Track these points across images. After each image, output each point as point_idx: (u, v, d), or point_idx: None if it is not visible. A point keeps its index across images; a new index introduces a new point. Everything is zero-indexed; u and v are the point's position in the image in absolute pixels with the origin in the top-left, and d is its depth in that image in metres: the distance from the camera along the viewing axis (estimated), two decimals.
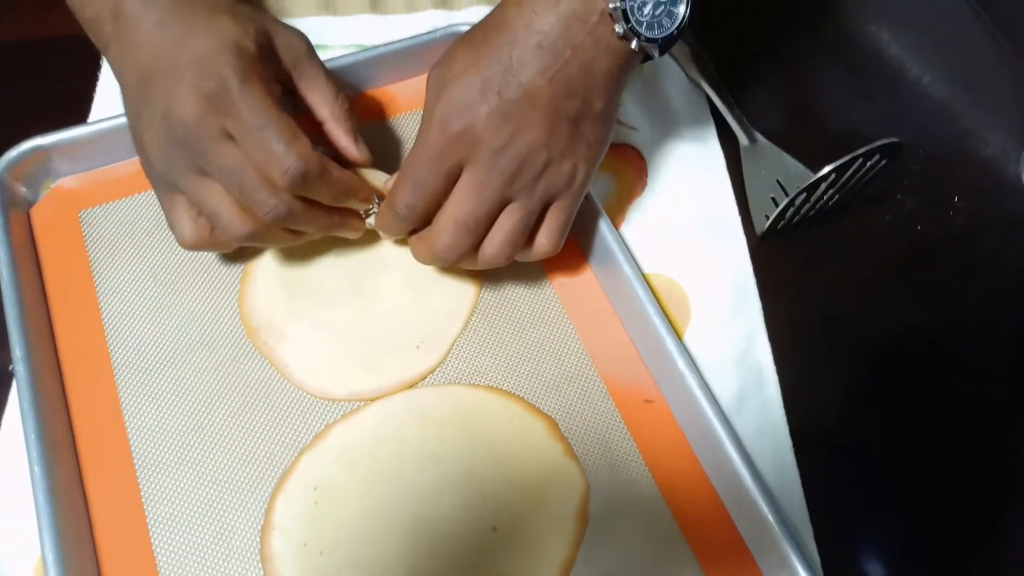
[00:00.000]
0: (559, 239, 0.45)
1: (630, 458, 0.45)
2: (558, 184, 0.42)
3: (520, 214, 0.42)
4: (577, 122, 0.42)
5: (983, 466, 0.48)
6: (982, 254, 0.55)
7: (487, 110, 0.40)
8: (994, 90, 0.62)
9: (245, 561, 0.42)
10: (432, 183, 0.42)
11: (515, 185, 0.41)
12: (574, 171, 0.42)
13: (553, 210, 0.44)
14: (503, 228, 0.43)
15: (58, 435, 0.43)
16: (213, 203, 0.41)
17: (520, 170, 0.41)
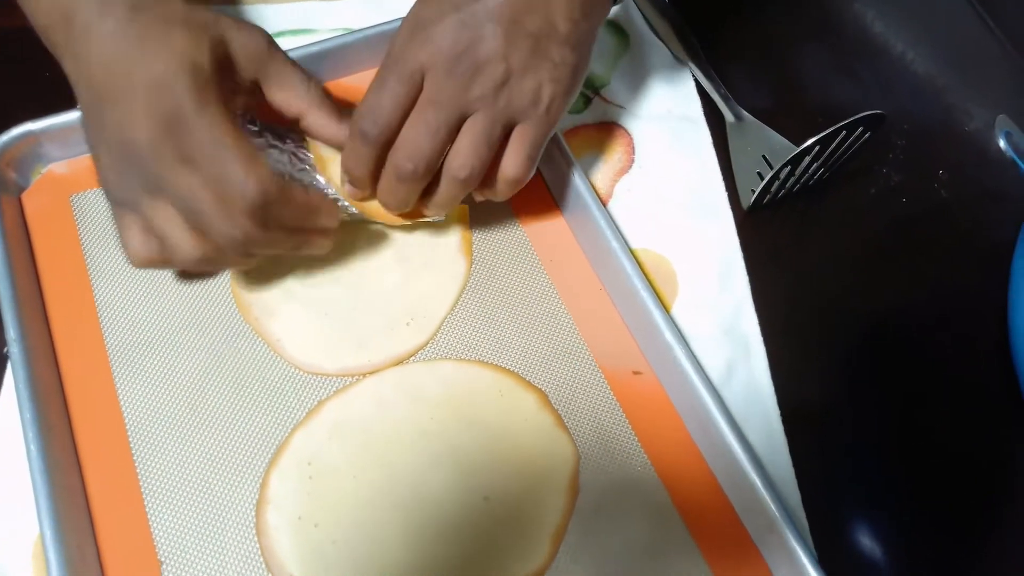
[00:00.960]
0: (526, 164, 0.44)
1: (620, 429, 0.46)
2: (522, 101, 0.42)
3: (482, 123, 0.42)
4: (538, 39, 0.42)
5: (968, 435, 0.49)
6: (967, 226, 0.55)
7: (447, 20, 0.41)
8: (977, 65, 0.63)
9: (241, 535, 0.42)
10: (396, 89, 0.41)
11: (474, 91, 0.41)
12: (538, 89, 0.42)
13: (517, 131, 0.43)
14: (465, 136, 0.42)
15: (53, 415, 0.43)
16: (164, 225, 0.40)
17: (477, 76, 0.41)
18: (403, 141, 0.42)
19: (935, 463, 0.47)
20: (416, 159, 0.42)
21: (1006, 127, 0.38)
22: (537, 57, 0.42)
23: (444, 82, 0.41)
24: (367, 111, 0.42)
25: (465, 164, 0.42)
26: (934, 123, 0.60)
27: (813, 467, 0.46)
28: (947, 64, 0.62)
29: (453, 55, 0.41)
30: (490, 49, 0.41)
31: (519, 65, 0.41)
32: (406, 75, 0.41)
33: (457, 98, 0.41)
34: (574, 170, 0.50)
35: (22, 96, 0.54)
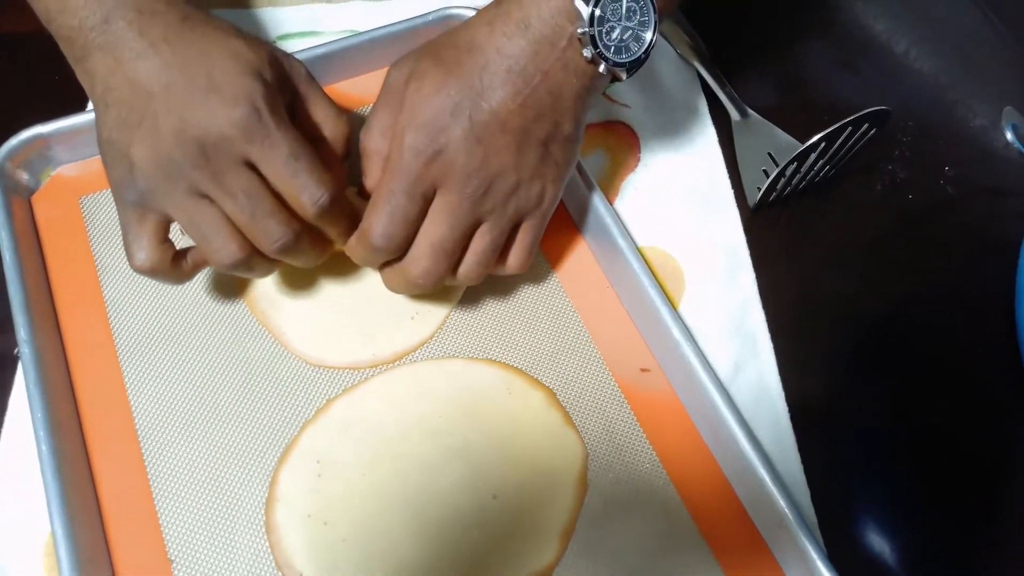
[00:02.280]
0: (528, 257, 0.45)
1: (628, 426, 0.46)
2: (527, 205, 0.43)
3: (491, 235, 0.43)
4: (546, 144, 0.42)
5: (974, 430, 0.49)
6: (973, 222, 0.55)
7: (459, 134, 0.40)
8: (981, 61, 0.63)
9: (250, 532, 0.42)
10: (409, 209, 0.41)
11: (486, 206, 0.42)
12: (542, 192, 0.43)
13: (523, 230, 0.44)
14: (475, 250, 0.43)
15: (64, 414, 0.44)
16: (209, 226, 0.40)
17: (490, 192, 0.41)
18: (419, 261, 0.42)
19: (943, 459, 0.47)
20: (431, 278, 0.43)
21: (1013, 119, 0.38)
22: (544, 162, 0.42)
23: (457, 201, 0.41)
24: (378, 226, 0.42)
25: (472, 273, 0.44)
26: (939, 120, 0.60)
27: (821, 463, 0.46)
28: (951, 61, 0.62)
29: (466, 174, 0.41)
30: (502, 163, 0.41)
31: (527, 174, 0.42)
32: (417, 194, 0.41)
33: (469, 215, 0.42)
34: (581, 170, 0.50)
35: (32, 99, 0.55)
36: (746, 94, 0.58)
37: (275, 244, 0.40)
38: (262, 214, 0.39)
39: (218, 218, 0.40)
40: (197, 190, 0.39)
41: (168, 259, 0.41)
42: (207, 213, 0.40)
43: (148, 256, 0.41)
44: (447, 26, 0.57)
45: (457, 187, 0.41)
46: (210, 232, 0.40)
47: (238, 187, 0.39)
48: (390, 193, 0.41)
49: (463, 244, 0.43)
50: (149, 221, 0.41)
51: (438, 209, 0.42)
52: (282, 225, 0.40)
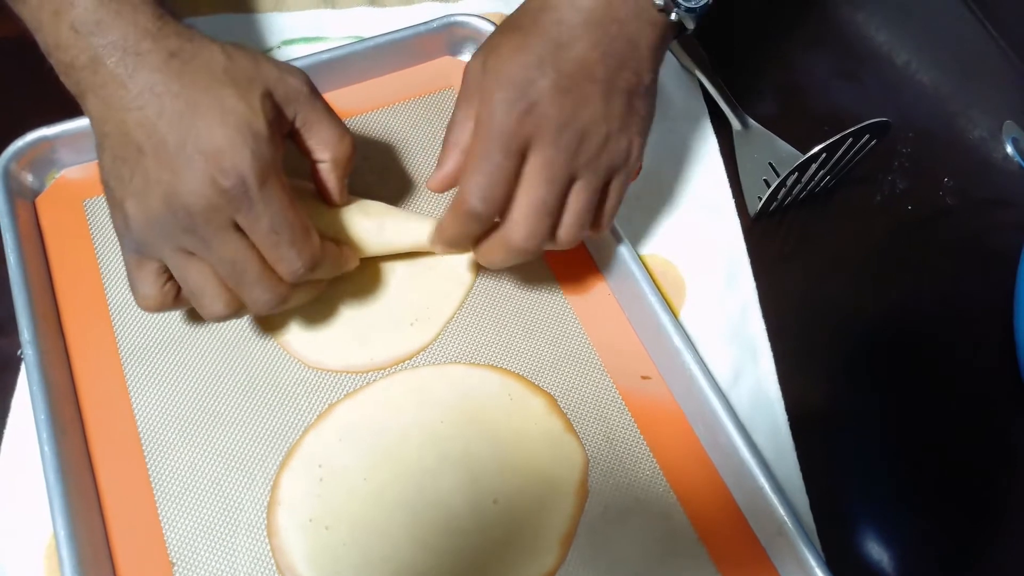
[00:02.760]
0: (612, 220, 0.45)
1: (628, 433, 0.46)
2: (618, 159, 0.42)
3: (587, 192, 0.42)
4: (631, 95, 0.42)
5: (972, 439, 0.49)
6: (972, 232, 0.56)
7: (548, 85, 0.40)
8: (981, 74, 0.64)
9: (252, 537, 0.43)
10: (506, 166, 0.40)
11: (580, 160, 0.41)
12: (630, 146, 0.42)
13: (612, 187, 0.43)
14: (574, 209, 0.42)
15: (67, 416, 0.44)
16: (198, 282, 0.40)
17: (583, 145, 0.41)
18: (522, 223, 0.41)
19: (941, 467, 0.48)
20: (534, 240, 0.42)
21: (1013, 133, 0.38)
22: (630, 114, 0.42)
23: (553, 155, 0.40)
24: (476, 187, 0.41)
25: (573, 235, 0.43)
26: (939, 131, 0.60)
27: (820, 470, 0.46)
28: (952, 72, 0.63)
29: (558, 125, 0.40)
30: (592, 113, 0.41)
31: (616, 126, 0.42)
32: (513, 149, 0.40)
33: (565, 169, 0.41)
34: None
35: (37, 102, 0.55)
36: (747, 104, 0.58)
37: (261, 307, 0.41)
38: (249, 281, 0.40)
39: (207, 276, 0.40)
40: (187, 249, 0.39)
41: (171, 297, 0.42)
42: (196, 270, 0.40)
43: (152, 296, 0.42)
44: (451, 33, 0.58)
45: (552, 140, 0.40)
46: (198, 289, 0.40)
47: (226, 253, 0.39)
48: (486, 152, 0.40)
49: (562, 203, 0.42)
50: (148, 267, 0.41)
51: (535, 165, 0.41)
52: (268, 291, 0.40)
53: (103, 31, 0.38)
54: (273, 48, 0.60)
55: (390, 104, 0.57)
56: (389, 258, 0.50)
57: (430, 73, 0.59)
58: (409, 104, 0.57)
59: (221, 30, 0.61)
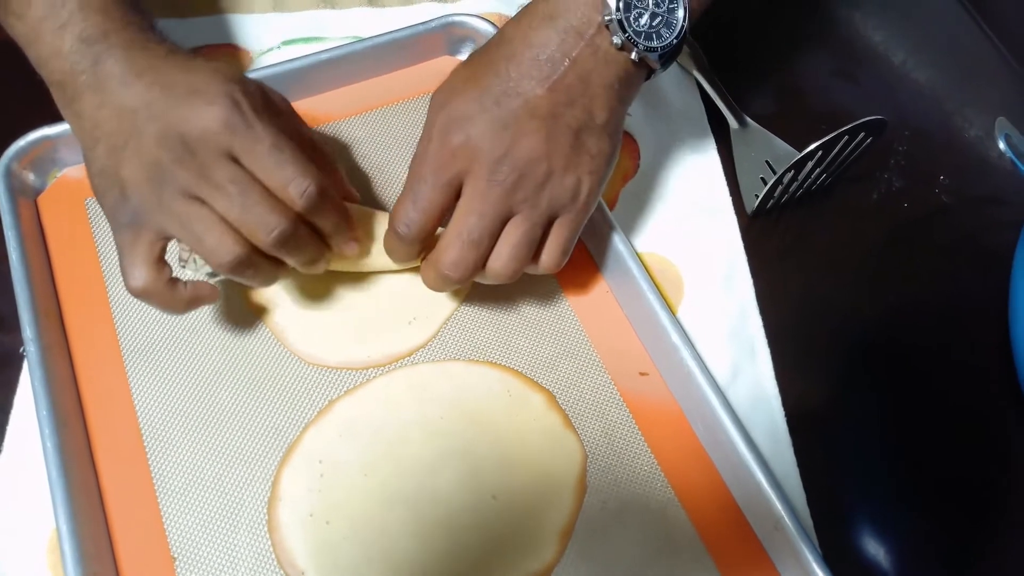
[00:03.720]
0: (562, 256, 0.44)
1: (627, 429, 0.47)
2: (562, 198, 0.42)
3: (523, 227, 0.42)
4: (578, 133, 0.41)
5: (968, 435, 0.49)
6: (967, 230, 0.56)
7: (487, 119, 0.40)
8: (977, 73, 0.64)
9: (253, 532, 0.43)
10: (432, 197, 0.41)
11: (517, 196, 0.41)
12: (578, 185, 0.42)
13: (557, 226, 0.43)
14: (507, 242, 0.42)
15: (69, 412, 0.44)
16: (202, 226, 0.39)
17: (521, 180, 0.41)
18: (445, 251, 0.42)
19: (938, 463, 0.48)
20: (460, 270, 0.42)
21: (1005, 129, 0.39)
22: (576, 153, 0.42)
23: (486, 190, 0.40)
24: (404, 216, 0.42)
25: (507, 268, 0.43)
26: (935, 129, 0.61)
27: (817, 467, 0.47)
28: (947, 72, 0.63)
29: (494, 160, 0.40)
30: (531, 150, 0.40)
31: (560, 163, 0.41)
32: (443, 183, 0.41)
33: (499, 205, 0.41)
34: None
35: (38, 101, 0.55)
36: (744, 103, 0.58)
37: (271, 234, 0.39)
38: (253, 203, 0.39)
39: (211, 217, 0.39)
40: (187, 192, 0.39)
41: (163, 280, 0.41)
42: (199, 214, 0.39)
43: (143, 276, 0.41)
44: (449, 33, 0.59)
45: (485, 174, 0.40)
46: (204, 232, 0.39)
47: (225, 179, 0.38)
48: (416, 180, 0.41)
49: (492, 236, 0.42)
50: (143, 241, 0.40)
51: (466, 198, 0.41)
52: (275, 213, 0.39)
53: (108, 39, 0.40)
54: (273, 48, 0.61)
55: (389, 104, 0.58)
56: None
57: (429, 73, 0.59)
58: (408, 104, 0.58)
59: (221, 30, 0.61)
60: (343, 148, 0.56)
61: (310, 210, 0.40)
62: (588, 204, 0.43)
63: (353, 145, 0.56)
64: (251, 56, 0.60)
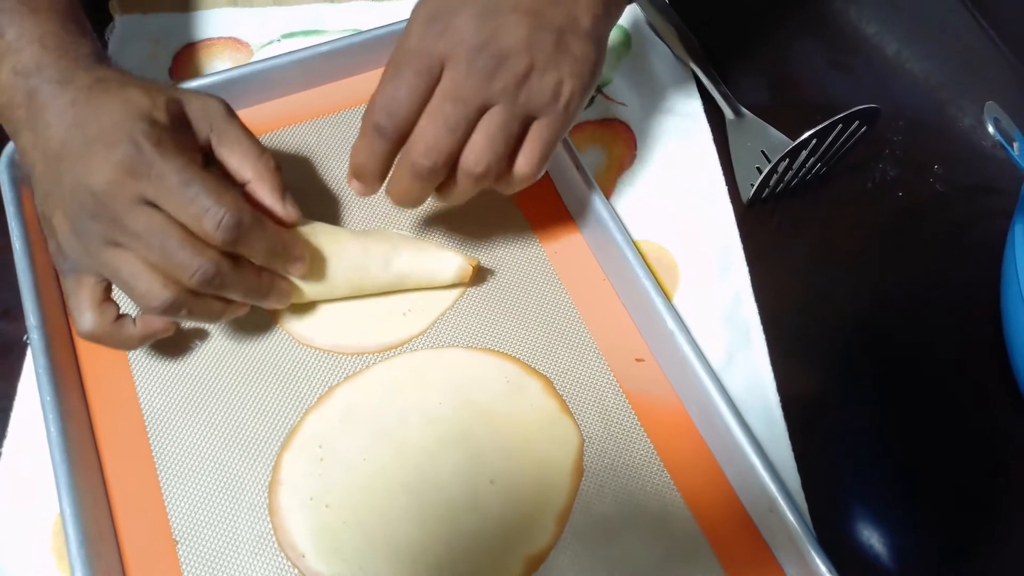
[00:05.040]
0: (540, 162, 0.43)
1: (623, 414, 0.47)
2: (542, 96, 0.41)
3: (501, 117, 0.40)
4: (562, 33, 0.41)
5: (960, 419, 0.50)
6: (961, 218, 0.57)
7: (469, 10, 0.39)
8: (971, 63, 0.64)
9: (254, 515, 0.43)
10: (413, 83, 0.40)
11: (496, 85, 0.40)
12: (559, 85, 0.41)
13: (535, 127, 0.42)
14: (483, 131, 0.40)
15: (72, 398, 0.45)
16: (128, 272, 0.39)
17: (500, 69, 0.39)
18: (420, 136, 0.40)
19: (929, 446, 0.48)
20: (434, 155, 0.40)
21: (994, 113, 0.39)
22: (559, 51, 0.41)
23: (465, 75, 0.39)
24: (382, 104, 0.40)
25: (481, 160, 0.41)
26: (929, 119, 0.61)
27: (812, 451, 0.47)
28: (941, 62, 0.64)
29: (474, 47, 0.39)
30: (513, 41, 0.39)
31: (541, 59, 0.40)
32: (424, 67, 0.40)
33: (477, 92, 0.40)
34: (578, 165, 0.51)
35: None
36: (740, 93, 0.59)
37: (194, 277, 0.39)
38: (171, 247, 0.38)
39: (135, 263, 0.39)
40: (109, 240, 0.39)
41: (109, 320, 0.41)
42: (125, 260, 0.39)
43: (89, 321, 0.41)
44: None
45: (465, 60, 0.39)
46: (131, 277, 0.39)
47: (140, 227, 0.38)
48: (396, 69, 0.40)
49: (470, 124, 0.40)
50: (85, 286, 0.41)
51: (444, 83, 0.40)
52: (195, 255, 0.38)
53: (42, 71, 0.40)
54: (273, 41, 0.61)
55: None
56: None
57: None
58: None
59: (221, 24, 0.62)
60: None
61: (231, 242, 0.39)
62: (569, 109, 0.42)
63: (353, 136, 0.56)
64: (251, 49, 0.61)
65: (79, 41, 0.42)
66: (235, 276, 0.40)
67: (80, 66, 0.41)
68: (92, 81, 0.40)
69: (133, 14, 0.62)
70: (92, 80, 0.40)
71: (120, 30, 0.61)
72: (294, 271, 0.44)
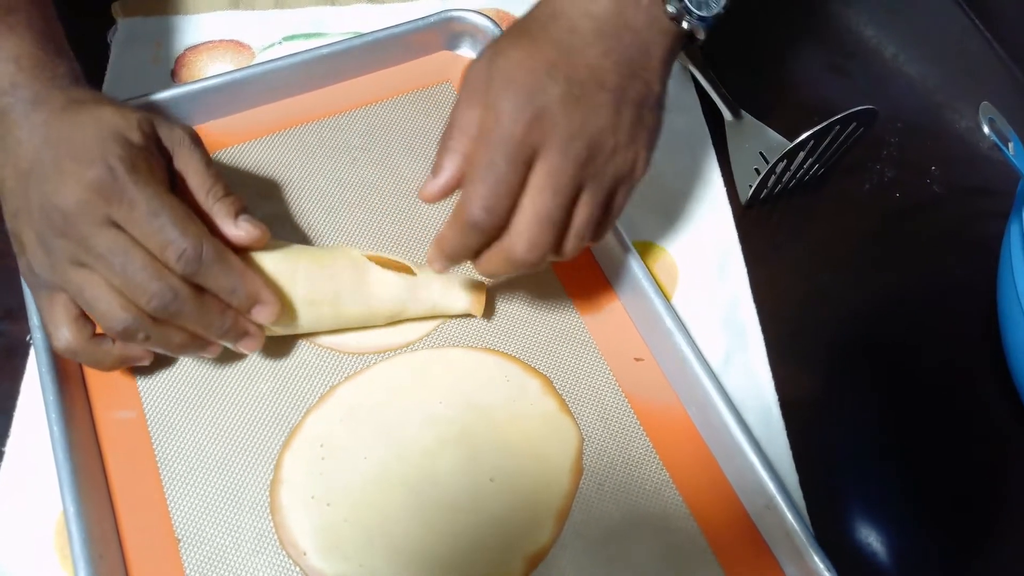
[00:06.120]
0: (610, 227, 0.44)
1: (622, 413, 0.47)
2: (623, 171, 0.41)
3: (592, 204, 0.40)
4: (640, 107, 0.41)
5: (956, 418, 0.50)
6: (957, 219, 0.57)
7: (558, 92, 0.38)
8: (967, 66, 0.65)
9: (256, 514, 0.44)
10: (511, 176, 0.38)
11: (588, 171, 0.39)
12: (635, 159, 0.41)
13: (616, 199, 0.42)
14: (579, 221, 0.40)
15: (74, 398, 0.45)
16: (91, 293, 0.39)
17: (592, 155, 0.39)
18: (523, 233, 0.39)
19: (926, 445, 0.49)
20: (537, 251, 0.40)
21: (990, 113, 0.40)
22: (638, 127, 0.41)
23: (561, 164, 0.38)
24: (479, 197, 0.39)
25: (576, 248, 0.41)
26: (926, 121, 0.61)
27: (809, 450, 0.47)
28: (938, 65, 0.64)
29: (568, 134, 0.38)
30: (603, 123, 0.39)
31: (624, 138, 0.40)
32: (520, 158, 0.38)
33: (573, 181, 0.39)
34: None
35: None
36: (739, 96, 0.59)
37: (151, 300, 0.38)
38: (132, 270, 0.38)
39: (99, 284, 0.39)
40: (75, 260, 0.39)
41: (85, 336, 0.41)
42: (89, 280, 0.39)
43: (65, 336, 0.41)
44: (448, 28, 0.60)
45: (560, 149, 0.38)
46: (94, 299, 0.39)
47: (104, 248, 0.38)
48: (490, 162, 0.38)
49: (568, 214, 0.40)
50: (58, 302, 0.41)
51: (541, 175, 0.39)
52: (154, 279, 0.38)
53: (16, 90, 0.40)
54: (274, 44, 0.62)
55: (388, 98, 0.59)
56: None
57: (428, 67, 0.60)
58: (407, 97, 0.59)
59: (222, 27, 0.62)
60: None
61: (193, 274, 0.39)
62: (640, 177, 0.42)
63: (354, 138, 0.57)
64: (253, 51, 0.61)
65: (55, 61, 0.42)
66: (195, 307, 0.40)
67: (55, 86, 0.41)
68: (66, 101, 0.40)
69: (135, 17, 0.62)
70: (66, 100, 0.40)
71: (123, 33, 0.61)
72: (259, 315, 0.43)
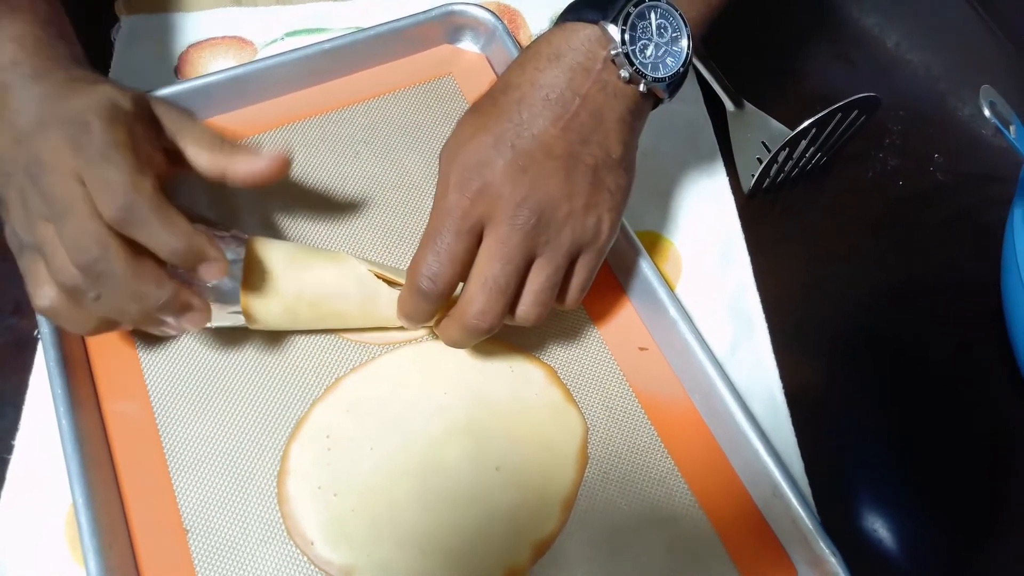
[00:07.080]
0: (581, 295, 0.44)
1: (627, 402, 0.48)
2: (583, 237, 0.41)
3: (547, 271, 0.41)
4: (596, 171, 0.41)
5: (961, 406, 0.50)
6: (961, 207, 0.57)
7: (503, 163, 0.39)
8: (970, 54, 0.65)
9: (263, 504, 0.44)
10: (455, 247, 0.40)
11: (540, 238, 0.40)
12: (599, 223, 0.41)
13: (579, 264, 0.43)
14: (532, 288, 0.41)
15: (82, 391, 0.45)
16: (49, 248, 0.37)
17: (542, 222, 0.40)
18: (472, 301, 0.40)
19: (932, 432, 0.49)
20: (489, 318, 0.40)
21: (991, 96, 0.40)
22: (596, 190, 0.41)
23: (507, 233, 0.39)
24: (425, 270, 0.40)
25: (531, 314, 0.42)
26: (929, 109, 0.61)
27: (815, 438, 0.47)
28: (941, 53, 0.64)
29: (514, 204, 0.39)
30: (552, 191, 0.40)
31: (580, 203, 0.40)
32: (465, 229, 0.39)
33: (521, 248, 0.40)
34: None
35: None
36: (741, 85, 0.59)
37: (78, 255, 0.37)
38: (72, 223, 0.36)
39: (55, 237, 0.37)
40: (42, 214, 0.38)
41: (63, 299, 0.39)
42: (47, 234, 0.38)
43: (47, 293, 0.39)
44: (449, 22, 0.60)
45: (506, 218, 0.39)
46: (50, 254, 0.38)
47: (58, 198, 0.37)
48: (436, 232, 0.40)
49: (518, 281, 0.41)
50: (39, 262, 0.39)
51: (488, 245, 0.40)
52: (87, 234, 0.36)
53: (17, 67, 0.40)
54: (276, 39, 0.62)
55: (391, 92, 0.59)
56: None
57: (430, 61, 0.60)
58: (409, 91, 0.59)
59: (225, 23, 0.62)
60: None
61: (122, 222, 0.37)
62: (608, 240, 0.43)
63: (356, 132, 0.57)
64: (255, 47, 0.61)
65: (57, 44, 0.42)
66: (126, 269, 0.37)
67: (57, 66, 0.41)
68: (66, 78, 0.40)
69: (139, 15, 0.62)
70: (66, 77, 0.40)
71: (126, 30, 0.62)
72: (206, 272, 0.39)
